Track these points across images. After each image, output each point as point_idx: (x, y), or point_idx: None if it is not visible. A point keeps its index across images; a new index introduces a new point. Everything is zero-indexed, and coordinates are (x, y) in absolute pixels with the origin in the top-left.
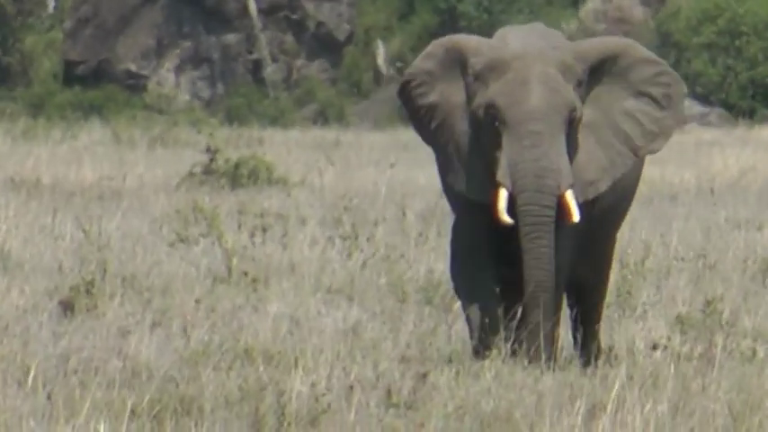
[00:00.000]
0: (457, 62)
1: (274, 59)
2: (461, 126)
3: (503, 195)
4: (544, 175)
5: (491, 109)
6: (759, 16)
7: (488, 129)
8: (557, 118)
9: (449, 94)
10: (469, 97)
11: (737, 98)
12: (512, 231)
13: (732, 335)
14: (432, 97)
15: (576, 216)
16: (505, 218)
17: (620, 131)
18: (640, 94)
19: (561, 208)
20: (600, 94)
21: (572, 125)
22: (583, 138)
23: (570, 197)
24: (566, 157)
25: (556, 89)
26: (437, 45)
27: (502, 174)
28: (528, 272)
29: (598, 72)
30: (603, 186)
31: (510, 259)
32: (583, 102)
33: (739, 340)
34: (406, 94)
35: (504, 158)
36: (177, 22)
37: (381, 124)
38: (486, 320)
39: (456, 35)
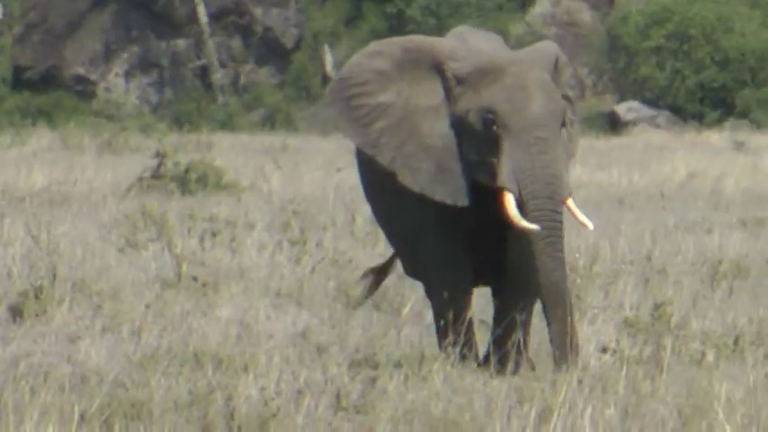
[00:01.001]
0: (426, 64)
1: (222, 65)
2: (430, 128)
3: (511, 200)
4: (554, 182)
5: (488, 113)
6: (707, 20)
7: (483, 133)
8: (557, 125)
9: (411, 95)
10: (450, 101)
11: (685, 102)
12: (489, 238)
13: (681, 338)
14: (383, 97)
15: (590, 224)
16: (525, 223)
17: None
18: (565, 98)
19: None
20: None
21: (561, 131)
22: None
23: (574, 206)
24: (565, 165)
25: (553, 96)
26: (389, 44)
27: (505, 179)
28: (546, 275)
29: None
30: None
31: (491, 265)
32: None
33: (688, 343)
34: (342, 92)
35: (506, 164)
36: (126, 27)
37: (329, 129)
38: (464, 323)
39: (412, 36)
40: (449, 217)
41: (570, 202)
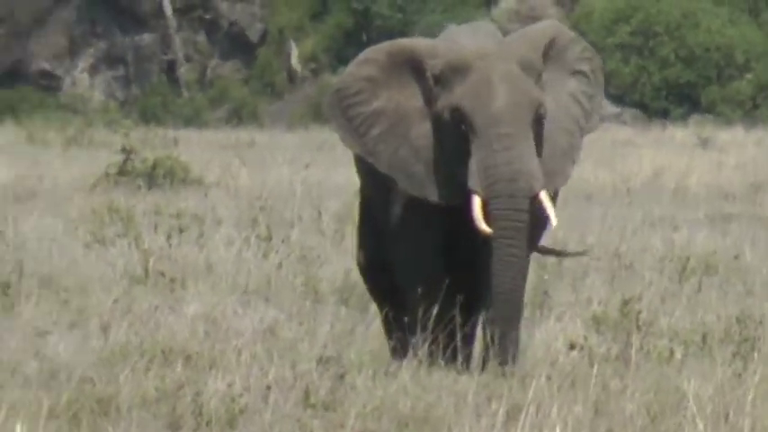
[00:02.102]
0: (408, 66)
1: (188, 59)
2: (418, 130)
3: (477, 203)
4: (517, 179)
5: (456, 112)
6: (672, 16)
7: (454, 132)
8: (525, 118)
9: (400, 100)
10: (430, 101)
11: (651, 98)
12: (463, 237)
13: (649, 335)
14: (375, 104)
15: (554, 219)
16: (484, 227)
17: (570, 114)
18: (576, 73)
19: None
20: (548, 80)
21: (539, 123)
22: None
23: (545, 200)
24: (536, 159)
25: (521, 88)
26: (376, 51)
27: (473, 180)
28: (497, 279)
29: (544, 58)
30: (570, 172)
31: (460, 264)
32: None
33: (656, 341)
34: (338, 104)
35: (473, 163)
36: (91, 22)
37: (295, 124)
38: (443, 323)
39: (399, 39)
40: (433, 217)
41: (543, 195)
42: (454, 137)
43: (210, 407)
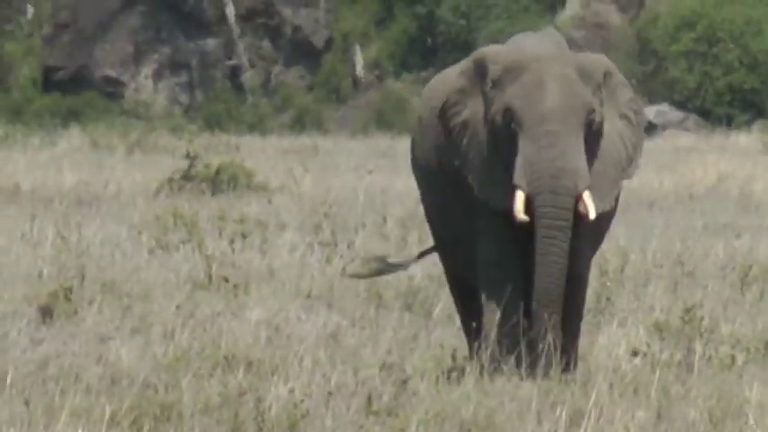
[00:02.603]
0: (479, 73)
1: (252, 65)
2: (485, 136)
3: (519, 196)
4: (560, 176)
5: (507, 112)
6: (736, 23)
7: (507, 135)
8: (574, 119)
9: (478, 107)
10: (488, 105)
11: (714, 104)
12: (527, 244)
13: (711, 342)
14: (465, 114)
15: (592, 213)
16: (522, 216)
17: (617, 151)
18: (623, 116)
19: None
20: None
21: (591, 128)
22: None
23: (587, 196)
24: (584, 158)
25: (573, 90)
26: (468, 60)
27: (518, 176)
28: (537, 279)
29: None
30: (608, 205)
31: (524, 270)
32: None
33: (718, 347)
34: (443, 117)
35: (519, 160)
36: (155, 28)
37: (359, 130)
38: (510, 328)
39: (483, 47)
40: (498, 224)
41: (586, 195)
42: (507, 139)
43: (272, 413)
